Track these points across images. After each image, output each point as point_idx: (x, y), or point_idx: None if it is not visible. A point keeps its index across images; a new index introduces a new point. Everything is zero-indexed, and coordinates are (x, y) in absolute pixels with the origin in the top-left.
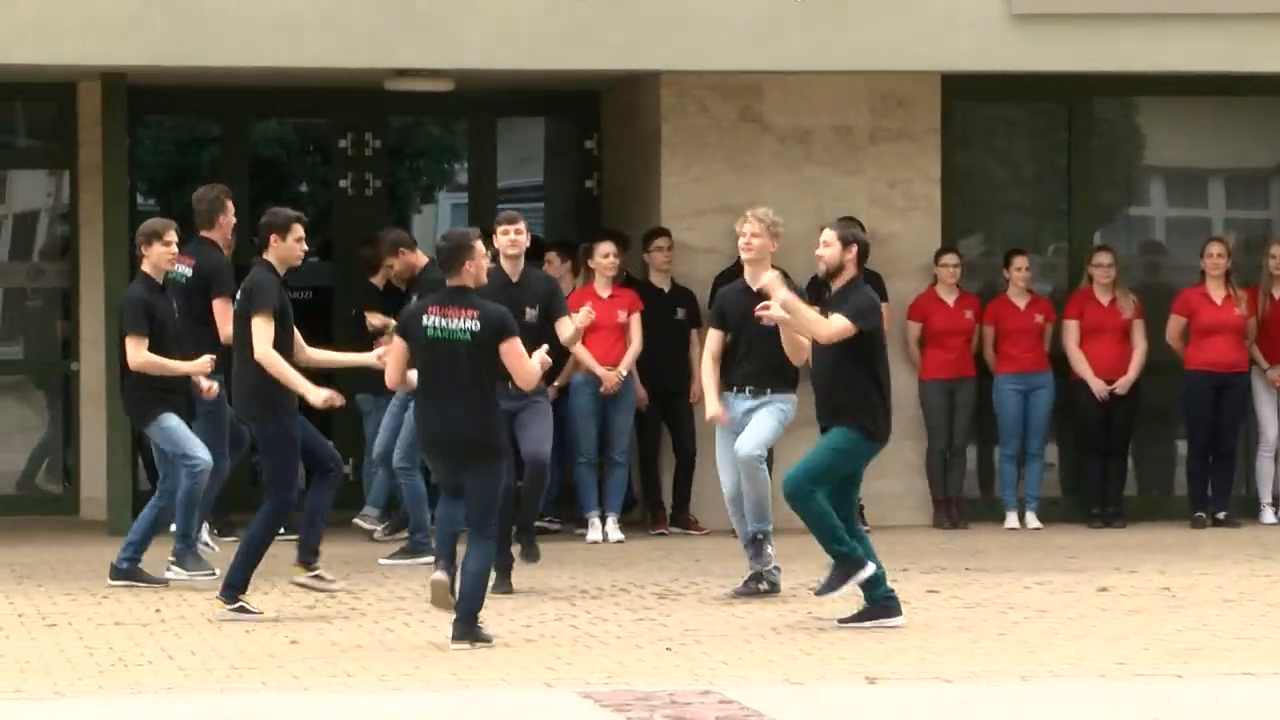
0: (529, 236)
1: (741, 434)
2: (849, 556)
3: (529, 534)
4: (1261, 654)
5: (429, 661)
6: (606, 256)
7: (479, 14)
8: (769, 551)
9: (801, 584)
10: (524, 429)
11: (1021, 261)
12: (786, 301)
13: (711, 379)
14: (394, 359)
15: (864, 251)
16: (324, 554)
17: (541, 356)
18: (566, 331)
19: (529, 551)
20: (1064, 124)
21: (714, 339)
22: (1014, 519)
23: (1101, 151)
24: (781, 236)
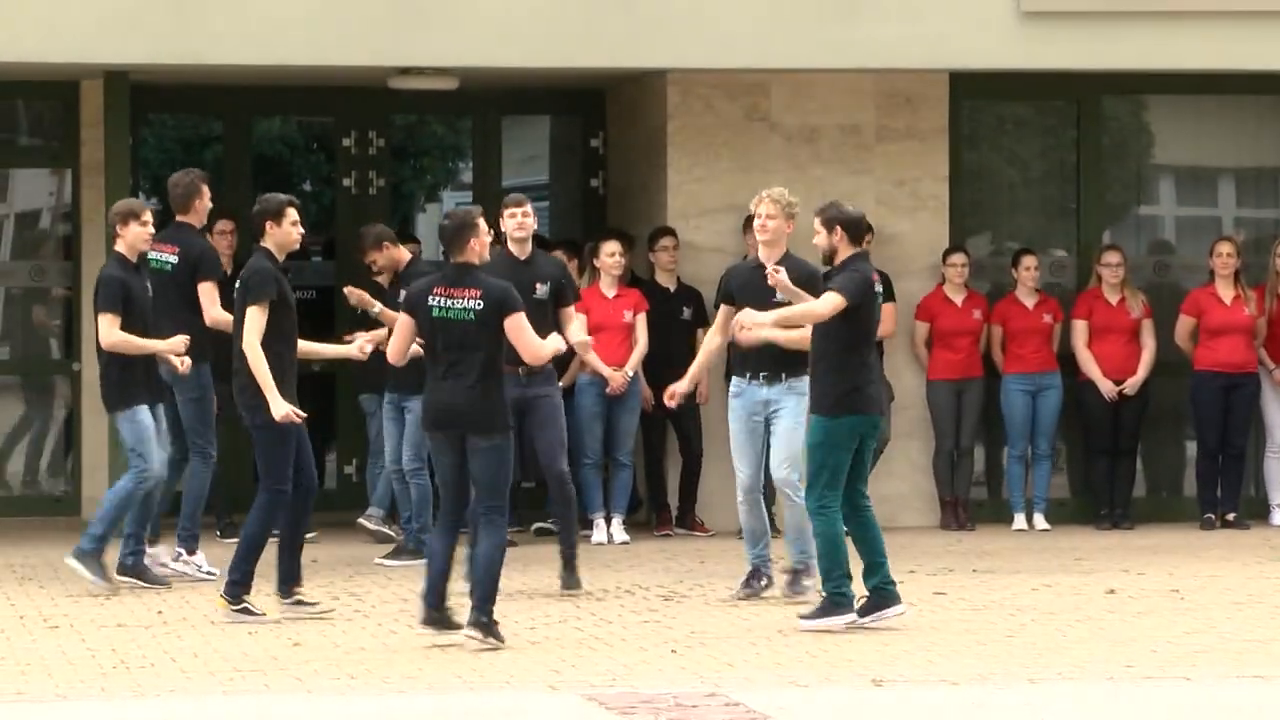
0: (536, 219)
1: (770, 451)
2: (841, 598)
3: (571, 562)
4: (1271, 656)
5: (432, 664)
6: (612, 256)
7: (483, 12)
8: (805, 583)
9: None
10: (538, 432)
11: (1030, 261)
12: (777, 320)
13: (704, 360)
14: (399, 335)
15: (850, 227)
16: (329, 556)
17: (557, 342)
18: (574, 327)
19: (571, 580)
20: (1072, 122)
21: (722, 316)
22: (1022, 520)
23: (1110, 150)
24: (797, 218)
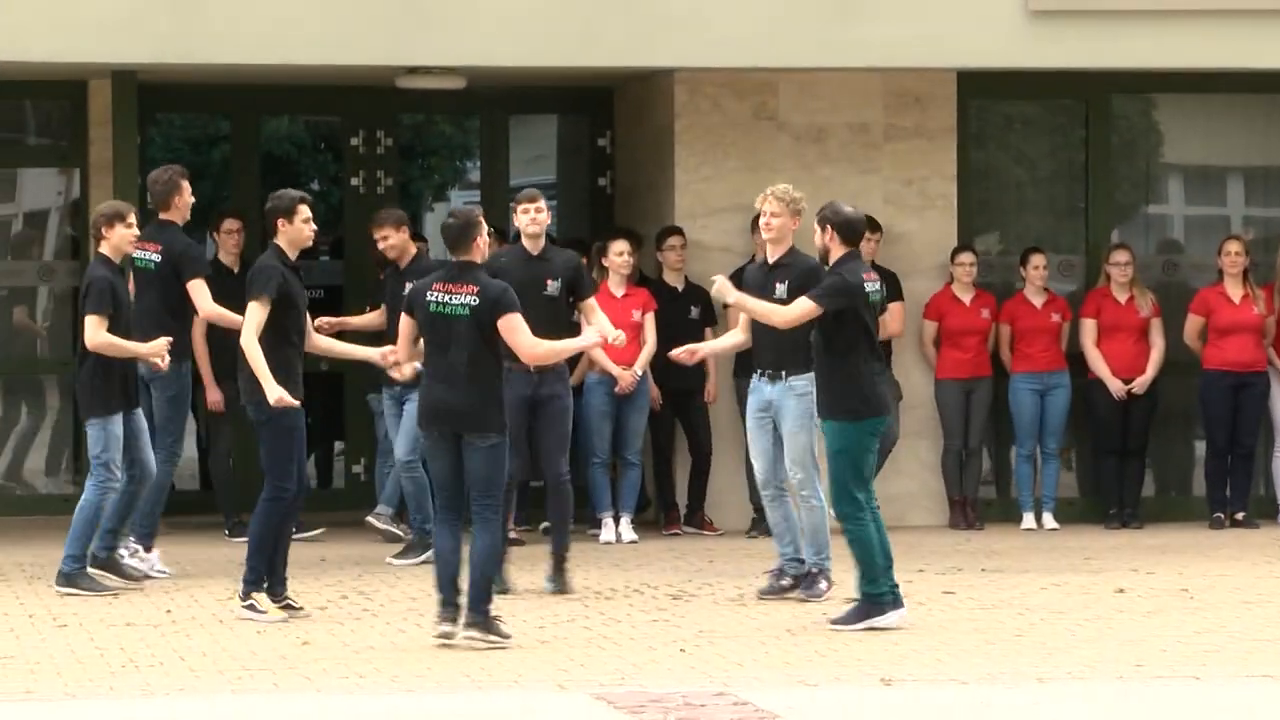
0: (549, 214)
1: (790, 453)
2: (876, 600)
3: (561, 564)
4: None
5: (441, 663)
6: (620, 255)
7: (491, 11)
8: (821, 586)
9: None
10: (543, 437)
11: (1038, 260)
12: (738, 302)
13: (717, 345)
14: (402, 335)
15: (841, 228)
16: (337, 555)
17: (558, 344)
18: (596, 316)
19: (560, 582)
20: (1081, 121)
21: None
22: (1030, 519)
23: (1119, 149)
24: (803, 214)
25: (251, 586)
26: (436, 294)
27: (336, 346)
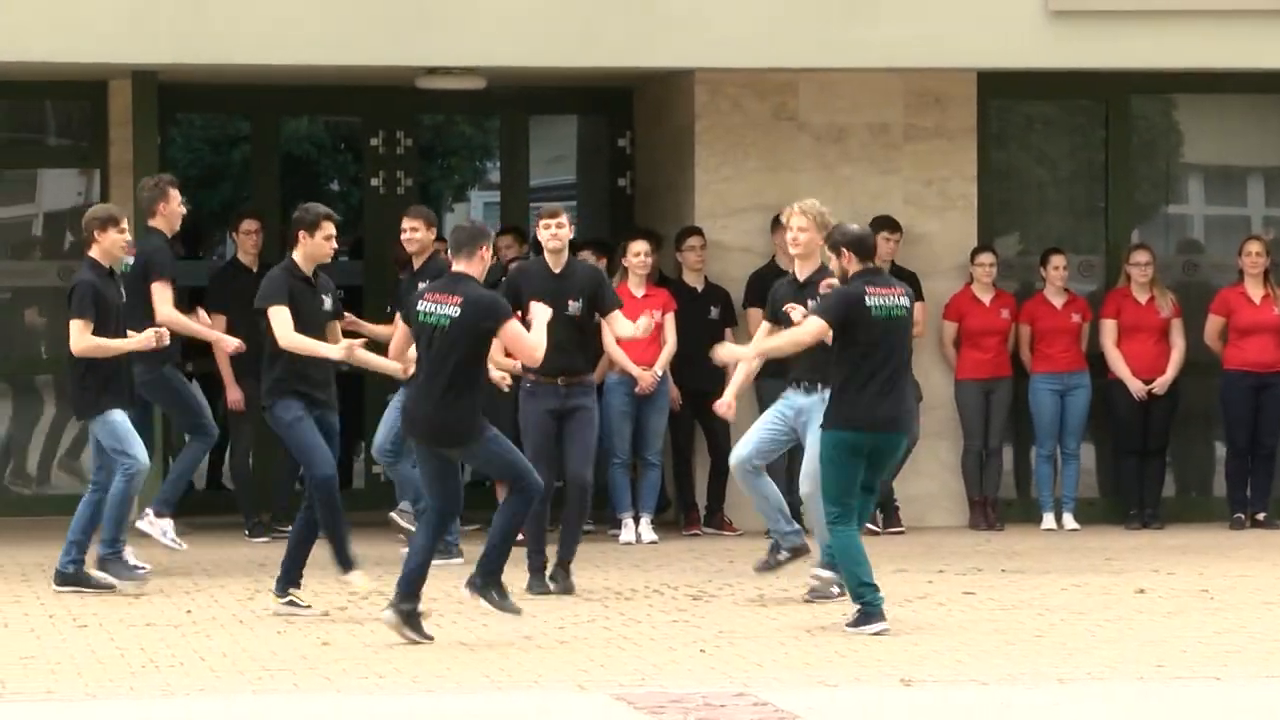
0: (572, 229)
1: (804, 464)
2: (870, 608)
3: (566, 566)
4: None
5: (461, 663)
6: (638, 255)
7: (510, 11)
8: (834, 590)
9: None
10: (570, 442)
11: (1059, 260)
12: (757, 354)
13: (744, 373)
14: (396, 337)
15: (854, 245)
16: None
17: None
18: (625, 330)
19: (563, 582)
20: (1101, 122)
21: (763, 331)
22: (1051, 520)
23: (1139, 149)
24: (830, 227)
25: (347, 567)
26: (426, 303)
27: (358, 355)
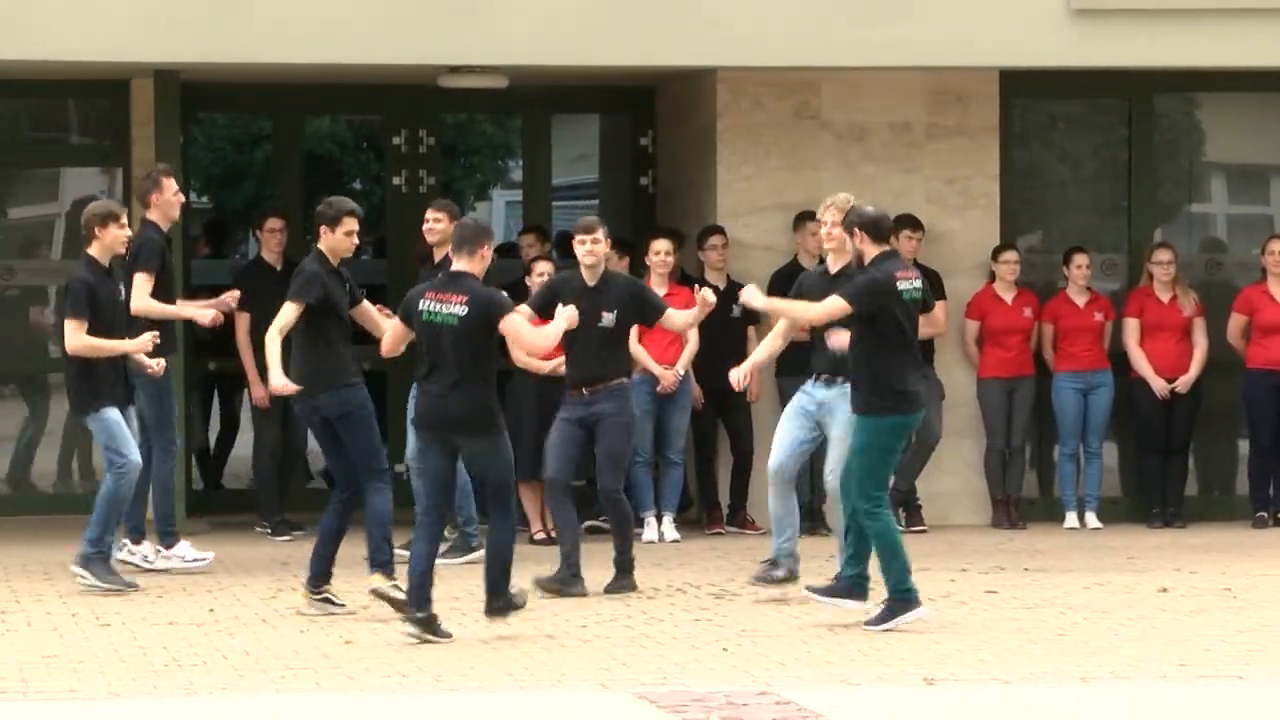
0: (608, 243)
1: (831, 459)
2: (907, 594)
3: (625, 570)
4: None
5: (484, 662)
6: (660, 254)
7: (533, 10)
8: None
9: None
10: (598, 455)
11: (1082, 259)
12: (769, 306)
13: (764, 353)
14: (390, 334)
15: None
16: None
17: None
18: (678, 320)
19: (625, 582)
20: (1124, 120)
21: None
22: (1073, 519)
23: (1162, 148)
24: None
25: (388, 567)
26: (428, 302)
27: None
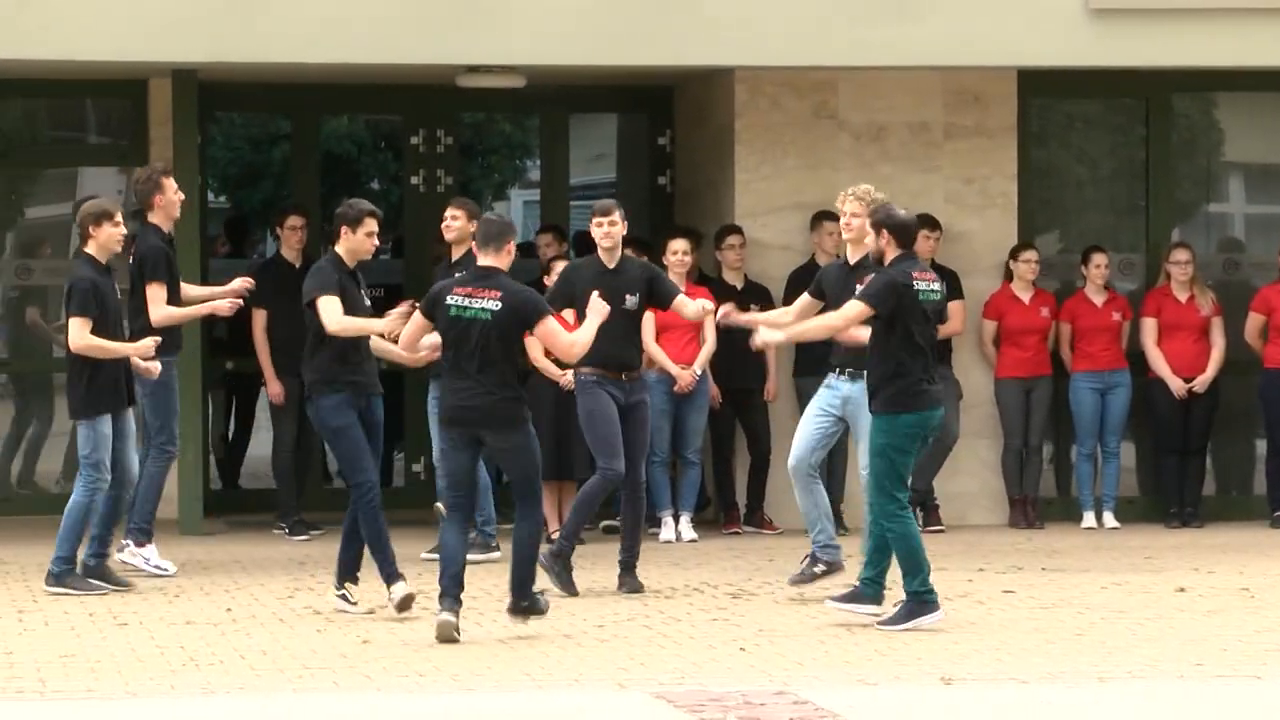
0: (624, 225)
1: (858, 455)
2: (927, 596)
3: (630, 568)
4: None
5: (501, 661)
6: (678, 254)
7: (551, 9)
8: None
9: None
10: (628, 442)
11: (1100, 259)
12: (789, 337)
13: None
14: (409, 329)
15: (898, 231)
16: (397, 554)
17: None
18: (689, 309)
19: (631, 582)
20: (1142, 120)
21: (804, 301)
22: (1091, 518)
23: (1180, 147)
24: None
25: (396, 576)
26: (458, 298)
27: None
